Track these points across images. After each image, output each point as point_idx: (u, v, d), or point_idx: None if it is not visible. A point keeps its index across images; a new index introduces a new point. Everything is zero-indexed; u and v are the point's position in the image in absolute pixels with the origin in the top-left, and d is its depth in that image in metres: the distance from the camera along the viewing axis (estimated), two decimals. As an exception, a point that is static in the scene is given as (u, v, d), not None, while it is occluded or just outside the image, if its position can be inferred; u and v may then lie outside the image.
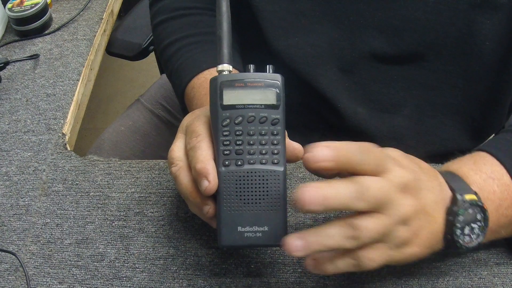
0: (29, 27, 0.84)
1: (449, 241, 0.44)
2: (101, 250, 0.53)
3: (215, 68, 0.46)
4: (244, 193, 0.44)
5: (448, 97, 0.63)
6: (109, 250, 0.53)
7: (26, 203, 0.59)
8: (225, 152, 0.44)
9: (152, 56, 1.04)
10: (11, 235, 0.56)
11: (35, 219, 0.57)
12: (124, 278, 0.51)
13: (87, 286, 0.51)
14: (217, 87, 0.44)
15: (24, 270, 0.52)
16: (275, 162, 0.44)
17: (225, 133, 0.44)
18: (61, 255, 0.53)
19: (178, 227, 0.54)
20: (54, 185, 0.60)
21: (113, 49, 0.98)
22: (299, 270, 0.50)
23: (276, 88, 0.44)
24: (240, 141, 0.44)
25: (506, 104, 0.64)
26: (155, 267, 0.51)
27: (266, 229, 0.43)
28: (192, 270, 0.51)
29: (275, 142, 0.44)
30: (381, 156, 0.41)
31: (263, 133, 0.44)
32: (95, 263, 0.52)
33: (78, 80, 0.76)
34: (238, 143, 0.44)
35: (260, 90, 0.44)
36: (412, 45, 0.60)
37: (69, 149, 0.66)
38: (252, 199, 0.43)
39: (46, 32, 0.86)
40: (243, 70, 0.63)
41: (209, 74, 0.62)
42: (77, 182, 0.60)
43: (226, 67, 0.46)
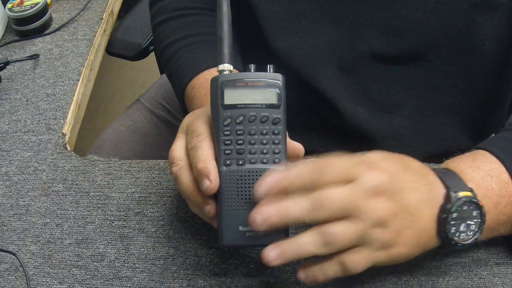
0: (29, 27, 0.84)
1: (444, 239, 0.44)
2: (101, 250, 0.53)
3: (215, 68, 0.46)
4: (245, 193, 0.44)
5: (448, 97, 0.64)
6: (109, 250, 0.53)
7: (26, 203, 0.59)
8: (226, 152, 0.44)
9: (152, 56, 1.04)
10: (11, 235, 0.56)
11: (35, 219, 0.57)
12: (124, 278, 0.51)
13: (87, 286, 0.51)
14: (218, 86, 0.44)
15: (24, 270, 0.52)
16: (276, 161, 0.44)
17: (226, 133, 0.44)
18: (61, 255, 0.53)
19: (178, 227, 0.54)
20: (54, 185, 0.60)
21: (113, 49, 0.98)
22: (299, 270, 0.50)
23: (277, 87, 0.44)
24: (241, 141, 0.44)
25: (506, 104, 0.64)
26: (155, 267, 0.51)
27: None
28: (192, 270, 0.51)
29: (276, 142, 0.44)
30: (347, 165, 0.42)
31: (264, 133, 0.44)
32: (95, 263, 0.52)
33: (78, 80, 0.76)
34: (239, 142, 0.44)
35: (261, 90, 0.44)
36: (412, 45, 0.60)
37: (69, 149, 0.66)
38: (253, 199, 0.43)
39: (46, 32, 0.86)
40: (243, 70, 0.64)
41: (209, 74, 0.62)
42: (77, 182, 0.60)
43: (227, 66, 0.46)
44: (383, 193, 0.41)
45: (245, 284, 0.50)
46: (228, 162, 0.44)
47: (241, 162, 0.44)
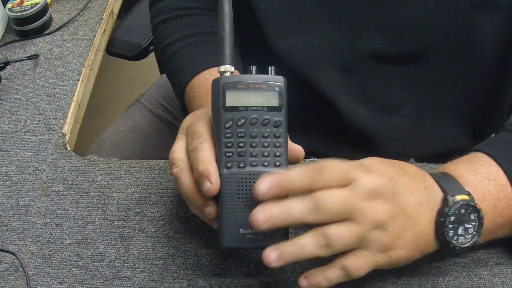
0: (29, 27, 0.84)
1: (443, 242, 0.44)
2: (101, 250, 0.53)
3: (215, 68, 0.46)
4: (246, 195, 0.44)
5: (448, 97, 0.64)
6: (109, 250, 0.53)
7: (26, 203, 0.59)
8: (227, 154, 0.44)
9: (152, 56, 1.04)
10: (11, 235, 0.56)
11: (35, 219, 0.57)
12: (124, 278, 0.51)
13: (87, 286, 0.51)
14: (219, 88, 0.44)
15: (24, 270, 0.52)
16: (277, 164, 0.44)
17: (227, 135, 0.44)
18: (61, 255, 0.53)
19: (178, 227, 0.54)
20: (54, 185, 0.60)
21: (113, 49, 0.98)
22: (299, 270, 0.50)
23: (278, 90, 0.44)
24: (243, 143, 0.44)
25: (506, 104, 0.64)
26: (155, 267, 0.51)
27: None
28: (192, 270, 0.51)
29: (277, 145, 0.44)
30: (345, 167, 0.42)
31: (265, 135, 0.44)
32: (95, 263, 0.52)
33: (78, 80, 0.76)
34: (240, 145, 0.44)
35: (263, 92, 0.44)
36: (412, 45, 0.60)
37: (69, 149, 0.66)
38: (254, 201, 0.43)
39: (46, 32, 0.86)
40: (243, 71, 0.64)
41: (209, 74, 0.62)
42: (77, 182, 0.60)
43: (228, 68, 0.45)
44: (381, 196, 0.41)
45: (245, 284, 0.50)
46: (229, 164, 0.44)
47: (242, 165, 0.44)
